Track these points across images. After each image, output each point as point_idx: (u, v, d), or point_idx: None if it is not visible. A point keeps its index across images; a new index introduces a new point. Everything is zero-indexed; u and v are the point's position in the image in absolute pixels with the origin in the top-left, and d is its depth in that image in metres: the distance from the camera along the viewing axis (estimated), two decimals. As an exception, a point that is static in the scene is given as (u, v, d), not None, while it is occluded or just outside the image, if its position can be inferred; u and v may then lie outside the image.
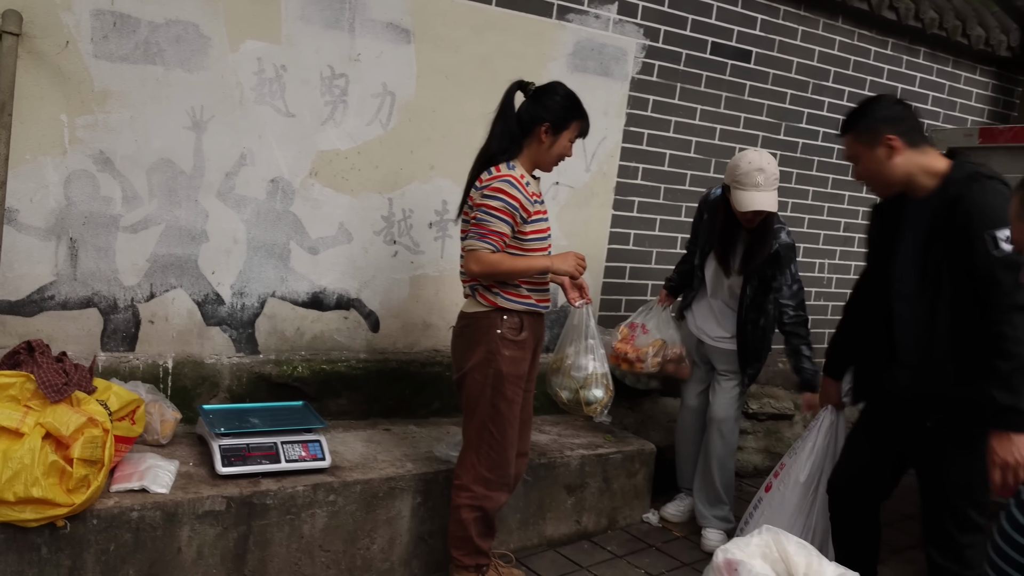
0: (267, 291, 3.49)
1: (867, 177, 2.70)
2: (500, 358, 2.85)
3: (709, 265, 3.71)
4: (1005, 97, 6.34)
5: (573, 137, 2.88)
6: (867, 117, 2.63)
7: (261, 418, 3.15)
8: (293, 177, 3.46)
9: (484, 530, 2.96)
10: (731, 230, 3.56)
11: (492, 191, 2.76)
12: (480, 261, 2.78)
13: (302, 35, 3.37)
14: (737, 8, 4.65)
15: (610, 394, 3.42)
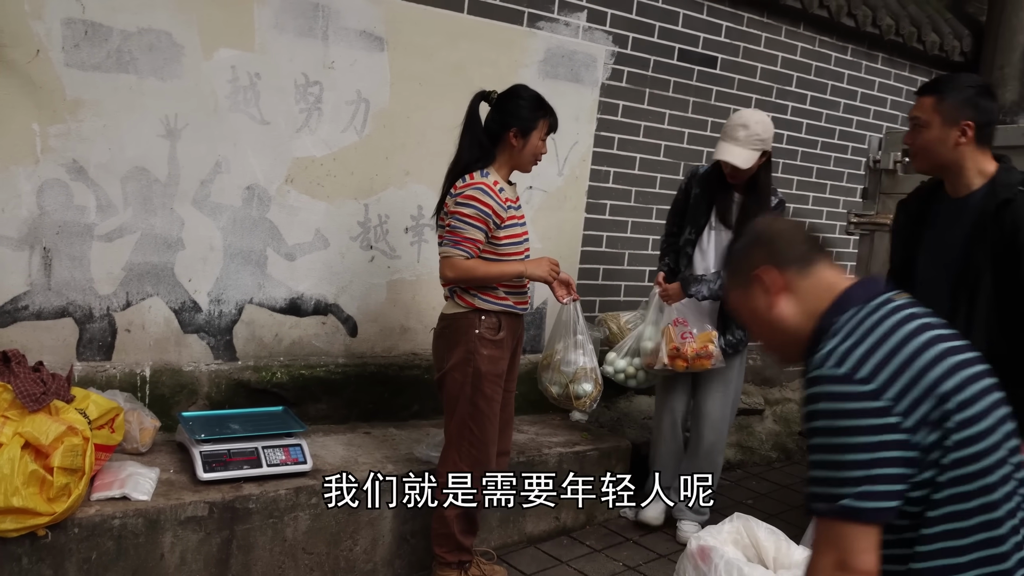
0: (244, 298, 3.50)
1: (923, 148, 2.53)
2: (479, 357, 2.90)
3: (704, 237, 3.60)
4: (960, 100, 6.52)
5: (544, 135, 2.95)
6: (960, 93, 2.47)
7: (241, 424, 3.16)
8: (269, 184, 3.47)
9: (466, 527, 3.00)
10: (727, 192, 3.54)
11: (465, 199, 2.82)
12: (454, 267, 2.86)
13: (276, 43, 3.40)
14: (703, 15, 4.75)
15: (599, 388, 3.49)
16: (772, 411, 5.25)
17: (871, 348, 1.50)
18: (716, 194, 3.54)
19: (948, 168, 2.52)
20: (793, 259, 1.64)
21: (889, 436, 1.45)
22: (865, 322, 1.55)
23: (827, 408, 1.48)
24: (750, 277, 1.68)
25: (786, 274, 1.64)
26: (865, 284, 1.66)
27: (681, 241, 3.67)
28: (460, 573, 3.04)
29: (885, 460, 1.45)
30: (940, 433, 1.47)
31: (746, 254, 1.72)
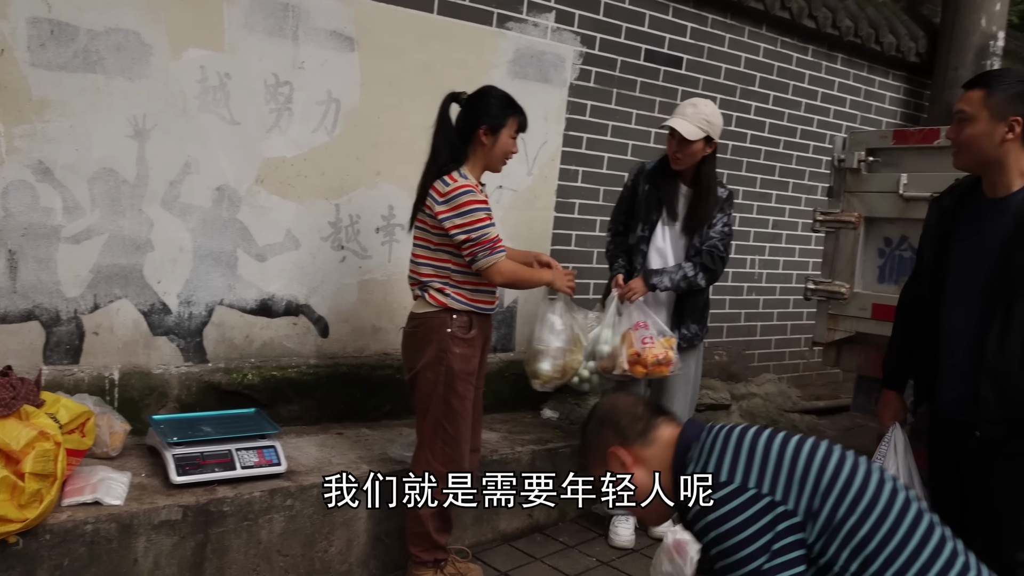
0: (215, 299, 3.47)
1: (968, 142, 2.43)
2: (451, 356, 2.92)
3: (657, 233, 3.56)
4: (916, 100, 6.69)
5: (513, 133, 2.98)
6: (1010, 88, 2.38)
7: (214, 426, 3.14)
8: (239, 185, 3.45)
9: (441, 525, 3.02)
10: (673, 185, 3.53)
11: (465, 205, 2.83)
12: (503, 272, 2.93)
13: (245, 43, 3.38)
14: (668, 17, 4.81)
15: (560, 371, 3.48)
16: (738, 406, 5.34)
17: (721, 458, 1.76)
18: (663, 188, 3.54)
19: (991, 165, 2.43)
20: (637, 434, 1.92)
21: (772, 513, 1.68)
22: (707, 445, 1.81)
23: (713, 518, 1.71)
24: (605, 456, 1.94)
25: (634, 449, 1.91)
26: (691, 423, 1.94)
27: (633, 239, 3.63)
28: (435, 572, 3.05)
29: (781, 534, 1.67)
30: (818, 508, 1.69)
31: (598, 435, 1.98)
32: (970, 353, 2.44)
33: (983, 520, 2.46)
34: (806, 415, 5.68)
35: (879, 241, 3.65)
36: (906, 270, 3.55)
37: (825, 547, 1.67)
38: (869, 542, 1.66)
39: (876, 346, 3.66)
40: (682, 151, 3.40)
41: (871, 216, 3.64)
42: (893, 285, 3.57)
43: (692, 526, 1.79)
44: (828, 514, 1.68)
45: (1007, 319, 2.35)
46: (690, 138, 3.34)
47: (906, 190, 3.45)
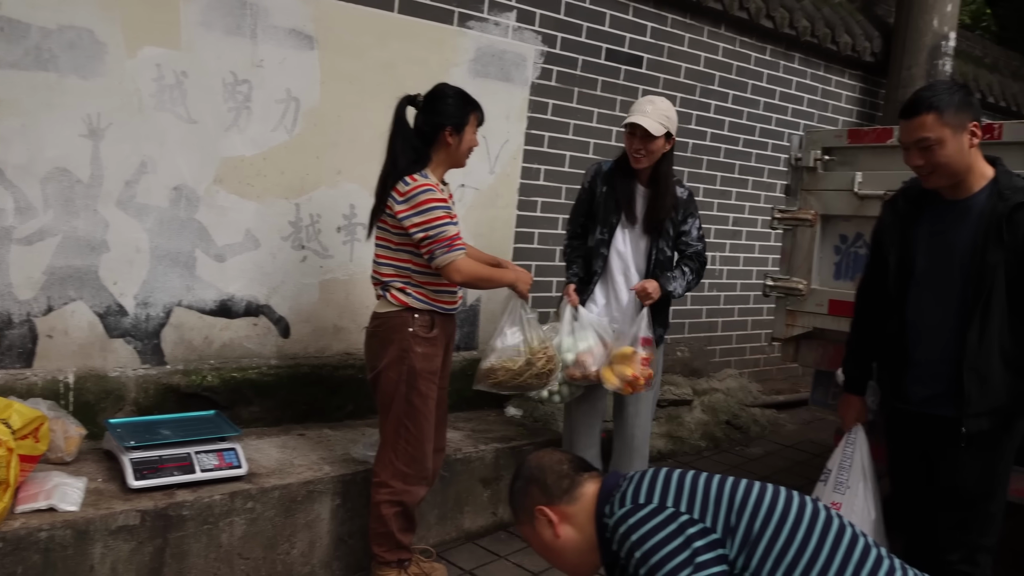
0: (173, 300, 3.43)
1: (944, 164, 2.45)
2: (413, 355, 2.92)
3: (617, 236, 3.49)
4: (871, 99, 6.81)
5: (475, 128, 3.01)
6: (952, 98, 2.42)
7: (172, 429, 3.10)
8: (197, 184, 3.41)
9: (405, 525, 3.01)
10: (630, 185, 3.46)
11: (424, 203, 2.82)
12: (462, 270, 2.89)
13: (203, 41, 3.34)
14: (628, 16, 4.85)
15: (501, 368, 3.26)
16: (700, 401, 5.40)
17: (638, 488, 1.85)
18: (620, 189, 3.46)
19: (963, 175, 2.48)
20: (562, 492, 1.97)
21: (692, 528, 1.74)
22: (625, 486, 1.89)
23: (637, 538, 1.77)
24: (532, 514, 1.99)
25: (560, 507, 1.96)
26: (612, 475, 1.99)
27: (592, 242, 3.53)
28: (399, 572, 3.05)
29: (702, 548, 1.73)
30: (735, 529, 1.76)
31: (524, 494, 2.03)
32: (948, 350, 2.50)
33: (950, 508, 2.54)
34: (767, 409, 5.77)
35: (835, 238, 3.69)
36: (862, 267, 3.62)
37: (747, 561, 1.72)
38: (787, 551, 1.72)
39: (833, 341, 3.72)
40: (644, 148, 3.33)
41: (827, 214, 3.68)
42: (849, 281, 3.63)
43: (616, 555, 1.85)
44: (745, 529, 1.75)
45: (985, 316, 2.43)
46: (655, 134, 3.28)
47: (861, 188, 3.49)
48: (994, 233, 2.43)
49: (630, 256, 3.51)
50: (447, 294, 3.02)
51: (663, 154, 3.39)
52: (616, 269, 3.51)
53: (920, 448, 2.64)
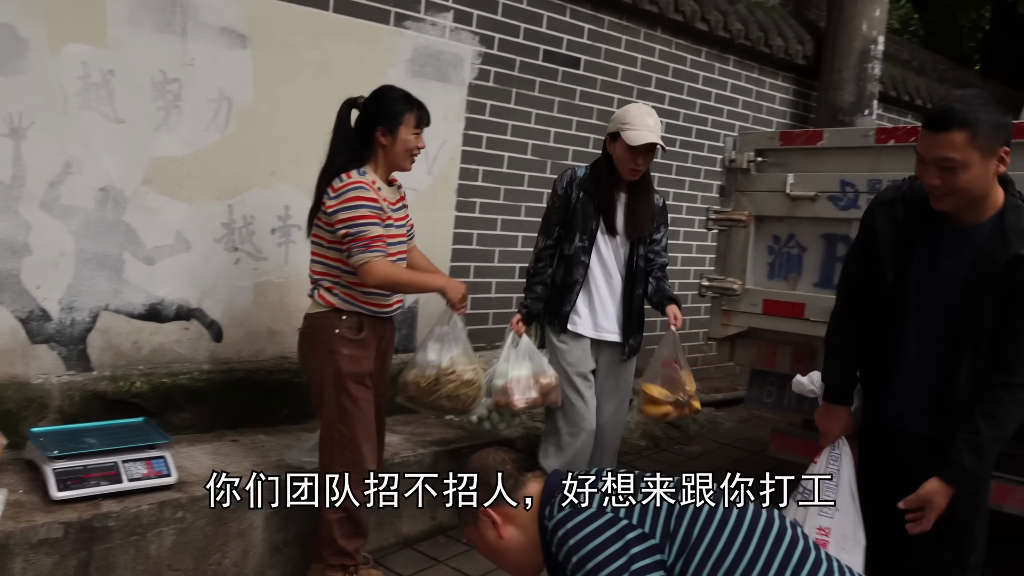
0: (100, 304, 3.33)
1: (963, 188, 2.18)
2: (339, 357, 2.88)
3: (599, 243, 3.42)
4: (804, 101, 6.97)
5: (414, 129, 2.93)
6: (992, 116, 2.14)
7: (98, 437, 3.01)
8: (125, 185, 3.32)
9: (349, 530, 2.96)
10: (611, 193, 3.40)
11: (352, 200, 2.78)
12: (376, 271, 2.80)
13: (130, 39, 3.25)
14: (566, 18, 4.87)
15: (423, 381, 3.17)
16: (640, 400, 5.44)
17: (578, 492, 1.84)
18: (601, 196, 3.39)
19: (977, 201, 2.23)
20: (506, 492, 1.95)
21: (630, 534, 1.74)
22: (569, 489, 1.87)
23: (574, 543, 1.76)
24: (476, 516, 1.97)
25: (503, 509, 1.95)
26: (555, 474, 1.98)
27: (571, 250, 3.43)
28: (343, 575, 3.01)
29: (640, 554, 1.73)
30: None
31: (467, 497, 2.00)
32: (933, 383, 2.36)
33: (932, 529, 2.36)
34: (706, 407, 5.85)
35: (768, 239, 3.76)
36: (795, 267, 3.70)
37: (685, 567, 1.73)
38: (726, 557, 1.73)
39: (768, 340, 3.80)
40: (646, 162, 3.36)
41: (760, 215, 3.75)
42: (782, 281, 3.71)
43: (555, 557, 1.84)
44: (684, 533, 1.75)
45: (975, 357, 2.29)
46: (663, 145, 3.35)
47: (792, 189, 3.57)
48: (988, 278, 2.24)
49: (613, 263, 3.46)
50: (378, 296, 2.97)
51: None
52: (599, 277, 3.47)
53: (894, 462, 2.49)
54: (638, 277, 3.48)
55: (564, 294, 3.46)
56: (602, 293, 3.48)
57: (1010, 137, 2.19)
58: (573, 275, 3.44)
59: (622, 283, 3.48)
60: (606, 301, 3.48)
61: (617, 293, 3.49)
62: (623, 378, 3.63)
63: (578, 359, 3.49)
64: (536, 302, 3.52)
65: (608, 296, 3.48)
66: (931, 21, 12.49)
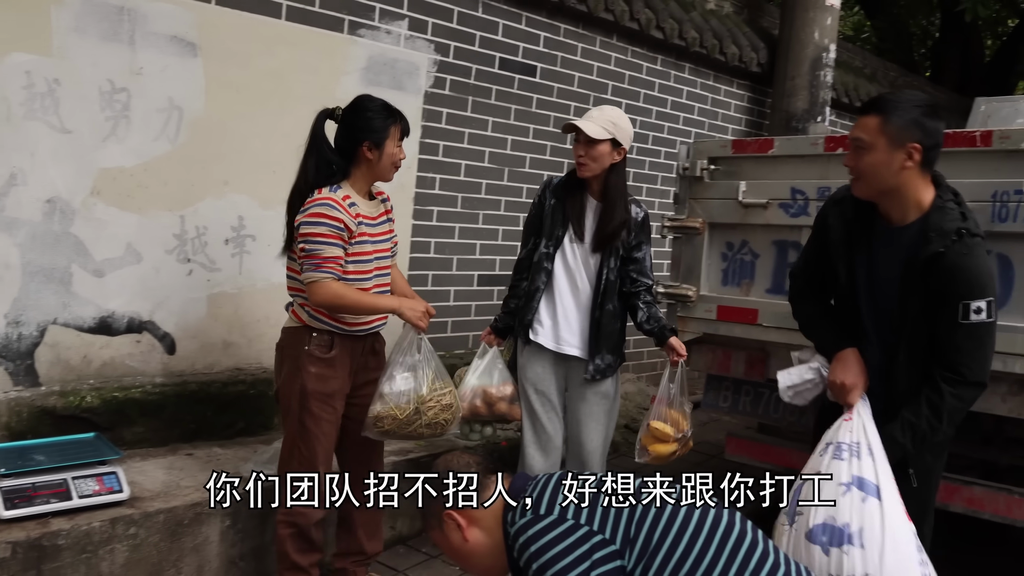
0: (47, 318, 3.27)
1: (867, 172, 2.37)
2: (305, 375, 2.84)
3: (565, 250, 3.28)
4: (759, 108, 7.06)
5: (398, 142, 2.89)
6: (906, 113, 2.31)
7: (47, 454, 2.95)
8: (72, 197, 3.26)
9: (302, 546, 2.93)
10: (580, 199, 3.26)
11: (313, 216, 2.73)
12: (323, 292, 2.74)
13: (77, 48, 3.20)
14: (521, 26, 4.89)
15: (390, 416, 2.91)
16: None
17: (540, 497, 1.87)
18: (569, 202, 3.27)
19: (890, 194, 2.38)
20: (470, 496, 1.97)
21: (590, 542, 1.77)
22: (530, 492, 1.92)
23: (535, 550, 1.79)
24: (441, 519, 2.00)
25: (467, 511, 1.97)
26: (519, 477, 2.03)
27: (537, 256, 3.31)
28: None
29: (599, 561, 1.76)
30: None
31: (433, 499, 2.02)
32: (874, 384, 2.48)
33: None
34: (663, 411, 5.88)
35: (722, 246, 3.80)
36: (748, 273, 3.75)
37: (645, 571, 1.75)
38: (684, 563, 1.75)
39: (722, 346, 3.85)
40: (588, 153, 3.13)
41: (714, 222, 3.79)
42: (736, 287, 3.75)
43: (517, 563, 1.86)
44: (644, 539, 1.77)
45: (910, 362, 2.41)
46: (595, 137, 3.09)
47: (745, 197, 3.61)
48: (914, 278, 2.36)
49: (581, 272, 3.28)
50: (352, 315, 2.90)
51: (613, 165, 3.18)
52: (564, 286, 3.30)
53: None
54: (608, 291, 3.26)
55: (528, 302, 3.33)
56: (566, 304, 3.30)
57: (930, 139, 2.33)
58: (536, 282, 3.30)
59: (590, 295, 3.28)
60: (570, 313, 3.30)
61: (584, 306, 3.29)
62: (595, 402, 3.34)
63: (537, 376, 3.35)
64: (507, 316, 3.42)
65: (573, 308, 3.30)
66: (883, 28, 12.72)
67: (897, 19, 12.69)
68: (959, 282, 2.29)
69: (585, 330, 3.29)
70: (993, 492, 3.20)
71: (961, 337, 2.32)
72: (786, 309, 3.41)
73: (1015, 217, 2.91)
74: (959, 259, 2.28)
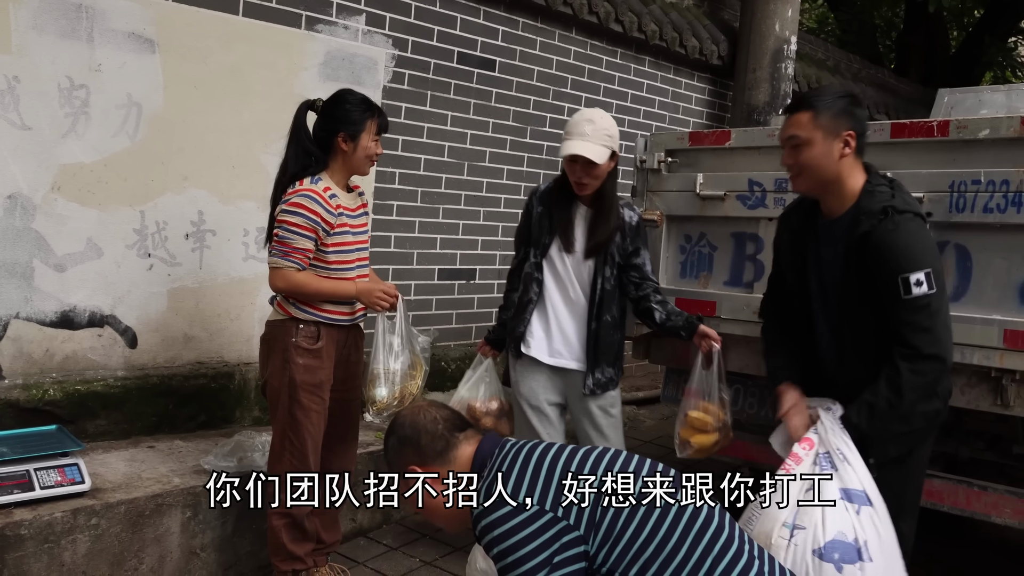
0: (9, 313, 3.31)
1: (809, 166, 2.45)
2: (294, 366, 2.89)
3: (554, 259, 3.16)
4: (720, 100, 7.17)
5: (375, 136, 2.93)
6: (837, 102, 2.43)
7: (10, 446, 2.99)
8: (33, 192, 3.30)
9: (296, 536, 2.98)
10: (569, 207, 3.13)
11: (292, 206, 2.81)
12: (285, 279, 2.85)
13: (35, 45, 3.23)
14: (479, 20, 4.95)
15: (397, 398, 3.08)
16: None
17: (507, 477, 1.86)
18: (557, 210, 3.13)
19: (830, 185, 2.47)
20: (435, 454, 1.99)
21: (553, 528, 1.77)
22: (497, 462, 1.92)
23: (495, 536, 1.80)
24: (404, 475, 1.99)
25: (433, 467, 1.98)
26: (488, 439, 2.02)
27: (527, 267, 3.20)
28: None
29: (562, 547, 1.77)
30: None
31: (397, 453, 2.04)
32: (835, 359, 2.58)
33: None
34: (627, 406, 5.99)
35: (680, 238, 3.84)
36: (706, 265, 3.77)
37: (607, 556, 1.77)
38: (648, 546, 1.76)
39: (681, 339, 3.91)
40: (589, 175, 2.99)
41: (672, 214, 3.82)
42: (695, 280, 3.78)
43: (480, 541, 1.87)
44: (609, 523, 1.78)
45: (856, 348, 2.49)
46: (598, 161, 2.94)
47: (702, 189, 3.64)
48: (853, 260, 2.43)
49: (574, 280, 3.15)
50: (337, 304, 2.97)
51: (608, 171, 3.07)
52: (556, 296, 3.17)
53: None
54: (605, 301, 3.12)
55: (519, 314, 3.20)
56: (560, 315, 3.17)
57: (859, 126, 2.45)
58: (528, 293, 3.18)
59: (586, 306, 3.14)
60: (565, 324, 3.16)
61: (581, 317, 3.15)
62: (598, 416, 3.19)
63: (530, 390, 3.22)
64: (500, 328, 3.34)
65: (568, 319, 3.16)
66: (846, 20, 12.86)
67: (861, 11, 12.82)
68: (890, 259, 2.35)
69: (582, 342, 3.15)
70: (953, 485, 3.17)
71: (908, 312, 2.35)
72: (744, 301, 3.50)
73: (972, 207, 2.92)
74: (887, 235, 2.35)
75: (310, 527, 3.05)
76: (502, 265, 5.32)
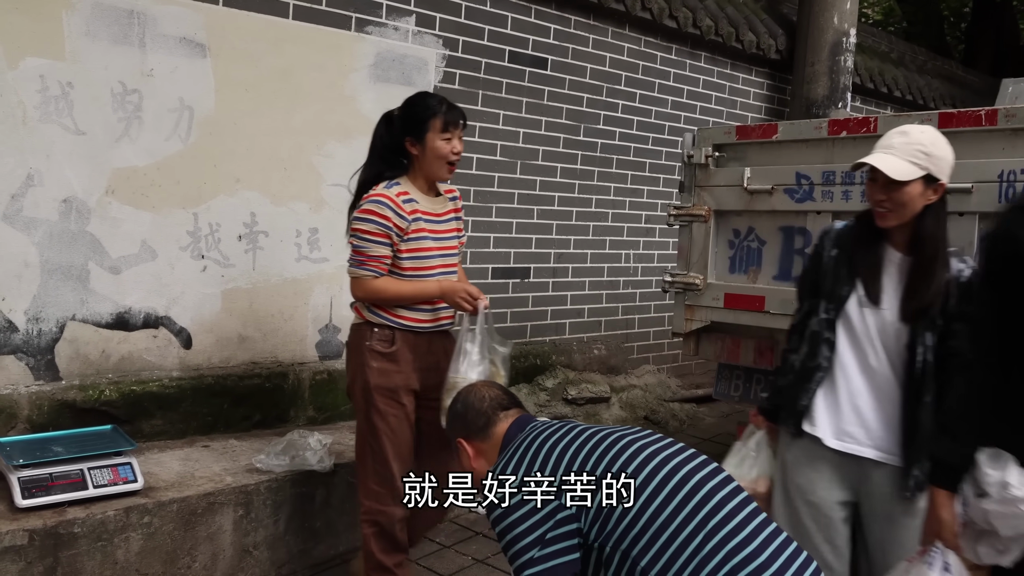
0: (66, 314, 3.37)
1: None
2: (369, 370, 2.84)
3: (851, 315, 2.41)
4: (779, 95, 7.00)
5: (442, 135, 2.79)
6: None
7: (65, 446, 3.04)
8: (88, 196, 3.36)
9: (386, 545, 2.91)
10: (876, 250, 2.41)
11: (363, 212, 2.77)
12: (363, 288, 2.82)
13: (88, 51, 3.29)
14: (531, 19, 4.91)
15: None
16: (618, 398, 5.48)
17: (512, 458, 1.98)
18: (860, 253, 2.43)
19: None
20: (477, 429, 2.17)
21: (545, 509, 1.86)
22: (516, 444, 2.03)
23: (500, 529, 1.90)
24: (456, 444, 2.20)
25: (474, 442, 2.17)
26: (520, 420, 2.14)
27: (815, 325, 2.46)
28: None
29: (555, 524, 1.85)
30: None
31: (450, 426, 2.26)
32: None
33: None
34: (686, 404, 5.88)
35: (728, 233, 3.79)
36: (754, 260, 3.73)
37: (599, 532, 1.81)
38: (637, 521, 1.79)
39: (731, 334, 3.83)
40: (890, 198, 2.30)
41: (720, 209, 3.77)
42: (743, 275, 3.73)
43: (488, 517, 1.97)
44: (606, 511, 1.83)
45: None
46: (901, 179, 2.26)
47: (750, 183, 3.59)
48: None
49: (877, 347, 2.39)
50: (415, 311, 2.88)
51: (927, 206, 2.31)
52: (850, 363, 2.42)
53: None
54: (926, 378, 2.30)
55: (801, 382, 2.47)
56: (854, 387, 2.41)
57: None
58: (815, 358, 2.45)
59: (893, 379, 2.36)
60: (860, 399, 2.40)
61: (887, 393, 2.38)
62: (907, 527, 2.34)
63: (809, 481, 2.45)
64: (775, 395, 2.62)
65: (868, 394, 2.39)
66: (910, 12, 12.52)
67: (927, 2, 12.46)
68: None
69: (888, 424, 2.38)
70: None
71: None
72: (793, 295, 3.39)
73: (1023, 197, 2.84)
74: None
75: (401, 537, 2.94)
76: (556, 264, 5.26)
